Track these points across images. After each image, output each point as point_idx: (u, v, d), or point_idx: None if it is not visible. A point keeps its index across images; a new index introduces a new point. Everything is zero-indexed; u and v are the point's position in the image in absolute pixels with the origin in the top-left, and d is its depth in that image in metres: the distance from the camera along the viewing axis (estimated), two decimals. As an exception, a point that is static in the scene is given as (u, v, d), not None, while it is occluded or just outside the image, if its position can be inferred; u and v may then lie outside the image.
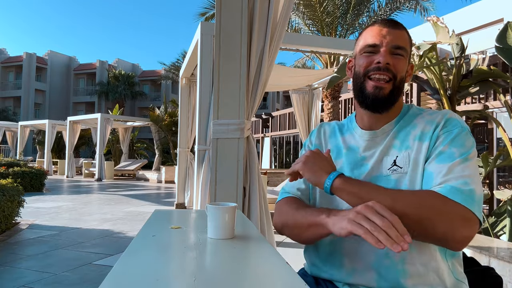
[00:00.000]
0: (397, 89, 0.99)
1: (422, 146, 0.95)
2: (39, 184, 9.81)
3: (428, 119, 1.00)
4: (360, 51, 1.03)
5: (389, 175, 0.97)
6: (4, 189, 4.78)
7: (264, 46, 2.24)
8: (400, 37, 0.99)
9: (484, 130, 8.17)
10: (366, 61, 1.00)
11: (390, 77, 0.98)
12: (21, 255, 3.70)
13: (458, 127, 0.95)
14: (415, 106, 1.09)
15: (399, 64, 0.98)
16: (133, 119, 17.74)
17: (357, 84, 1.03)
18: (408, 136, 0.99)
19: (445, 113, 1.00)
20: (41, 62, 36.35)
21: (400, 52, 0.98)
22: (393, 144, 1.01)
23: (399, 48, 0.98)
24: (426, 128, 0.97)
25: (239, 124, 2.17)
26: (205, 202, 4.07)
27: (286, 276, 0.72)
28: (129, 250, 0.86)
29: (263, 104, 32.75)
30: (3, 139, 21.34)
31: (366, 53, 1.01)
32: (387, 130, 1.03)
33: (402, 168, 0.96)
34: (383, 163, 0.99)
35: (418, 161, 0.95)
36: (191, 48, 5.49)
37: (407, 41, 1.01)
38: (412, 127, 1.00)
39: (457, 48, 2.80)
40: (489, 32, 9.80)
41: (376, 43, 0.99)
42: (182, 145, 7.02)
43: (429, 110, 1.04)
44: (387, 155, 1.00)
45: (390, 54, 0.98)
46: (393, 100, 1.00)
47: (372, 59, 0.99)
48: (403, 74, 1.00)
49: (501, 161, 2.82)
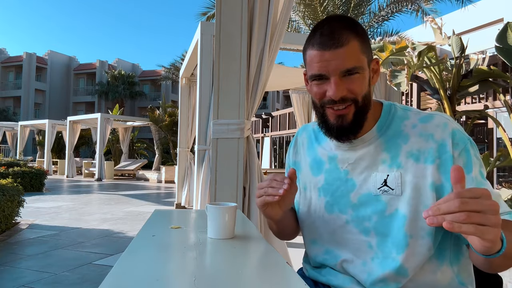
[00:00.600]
0: (362, 109, 0.89)
1: (423, 170, 0.86)
2: (39, 184, 9.81)
3: (422, 130, 0.88)
4: (310, 78, 0.91)
5: (378, 195, 0.89)
6: (4, 189, 4.78)
7: (264, 46, 2.24)
8: (348, 56, 0.85)
9: (484, 130, 8.18)
10: (318, 91, 0.89)
11: (348, 104, 0.88)
12: (21, 255, 3.70)
13: (466, 140, 0.87)
14: (399, 106, 0.97)
15: (356, 86, 0.87)
16: (133, 119, 17.75)
17: (319, 114, 0.93)
18: (399, 151, 0.89)
19: (441, 124, 0.88)
20: (41, 62, 36.37)
21: (352, 73, 0.86)
22: (381, 158, 0.91)
23: (350, 71, 0.85)
24: (423, 145, 0.87)
25: (239, 124, 2.17)
26: (205, 202, 4.07)
27: (286, 276, 0.72)
28: (129, 250, 0.86)
29: (263, 104, 32.75)
30: (3, 139, 21.34)
31: (316, 82, 0.89)
32: (368, 139, 0.93)
33: (393, 190, 0.88)
34: (372, 180, 0.91)
35: (420, 186, 0.86)
36: (191, 48, 5.49)
37: (359, 52, 0.86)
38: (403, 139, 0.90)
39: (456, 48, 2.80)
40: (489, 32, 9.80)
41: (322, 73, 0.87)
42: (182, 145, 7.02)
43: (418, 113, 0.93)
44: (375, 170, 0.91)
45: (341, 79, 0.86)
46: (360, 122, 0.90)
47: (323, 89, 0.88)
48: (364, 91, 0.88)
49: (499, 162, 2.83)
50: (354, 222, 0.93)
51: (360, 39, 0.87)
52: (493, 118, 2.94)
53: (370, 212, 0.91)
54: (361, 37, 0.88)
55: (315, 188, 1.02)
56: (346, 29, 0.86)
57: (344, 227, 0.95)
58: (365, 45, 0.89)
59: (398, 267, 0.87)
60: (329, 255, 0.99)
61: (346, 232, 0.95)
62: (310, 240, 1.04)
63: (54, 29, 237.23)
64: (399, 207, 0.87)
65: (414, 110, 0.94)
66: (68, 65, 38.96)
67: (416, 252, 0.87)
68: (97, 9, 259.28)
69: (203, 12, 11.27)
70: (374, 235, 0.90)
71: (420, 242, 0.86)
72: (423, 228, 0.86)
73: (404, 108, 0.95)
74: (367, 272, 0.91)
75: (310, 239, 1.04)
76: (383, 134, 0.93)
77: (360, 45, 0.87)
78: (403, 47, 2.56)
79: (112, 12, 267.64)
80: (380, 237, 0.89)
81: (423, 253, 0.87)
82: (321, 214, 1.00)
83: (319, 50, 0.86)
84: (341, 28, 0.86)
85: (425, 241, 0.86)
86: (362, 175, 0.93)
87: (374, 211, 0.90)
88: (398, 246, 0.87)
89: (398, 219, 0.87)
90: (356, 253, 0.93)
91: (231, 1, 2.14)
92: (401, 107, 0.96)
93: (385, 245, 0.89)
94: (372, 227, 0.90)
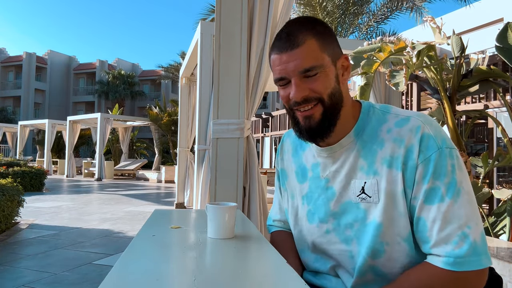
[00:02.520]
0: (331, 108, 0.87)
1: (395, 176, 0.84)
2: (39, 184, 9.81)
3: (396, 135, 0.86)
4: (275, 82, 0.91)
5: (358, 203, 0.89)
6: (4, 188, 4.78)
7: (264, 45, 2.24)
8: (305, 55, 0.84)
9: (484, 129, 8.17)
10: (283, 95, 0.89)
11: (314, 104, 0.86)
12: (21, 254, 3.70)
13: (434, 149, 0.81)
14: (378, 107, 0.93)
15: (318, 85, 0.85)
16: (133, 118, 17.75)
17: (290, 117, 0.93)
18: (375, 157, 0.87)
19: (414, 128, 0.84)
20: (41, 62, 36.36)
21: (314, 72, 0.84)
22: (359, 165, 0.89)
23: (308, 70, 0.84)
24: (395, 150, 0.85)
25: (239, 124, 2.17)
26: (205, 202, 4.07)
27: (286, 276, 0.72)
28: (129, 249, 0.85)
29: (263, 104, 32.72)
30: (3, 138, 21.34)
31: (280, 86, 0.90)
32: (346, 143, 0.91)
33: (371, 197, 0.87)
34: (351, 188, 0.90)
35: (394, 193, 0.84)
36: (191, 47, 5.49)
37: (317, 50, 0.85)
38: (379, 144, 0.87)
39: (456, 48, 2.80)
40: (489, 32, 9.80)
41: (283, 76, 0.87)
42: (182, 145, 7.02)
43: (396, 116, 0.89)
44: (354, 178, 0.89)
45: (302, 80, 0.85)
46: (330, 122, 0.88)
47: (287, 92, 0.88)
48: (330, 88, 0.86)
49: (498, 162, 2.83)
50: (335, 231, 0.93)
51: (319, 38, 0.86)
52: (493, 118, 2.93)
53: (351, 220, 0.90)
54: (321, 35, 0.86)
55: (300, 195, 1.02)
56: (302, 30, 0.86)
57: (324, 236, 0.95)
58: (326, 43, 0.87)
59: (375, 271, 0.89)
60: (319, 262, 0.99)
61: (327, 243, 0.95)
62: (300, 249, 1.05)
63: (54, 29, 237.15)
64: (376, 215, 0.86)
65: (393, 113, 0.91)
66: (68, 65, 38.94)
67: (392, 258, 0.87)
68: (97, 10, 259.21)
69: (203, 19, 11.30)
70: (355, 244, 0.90)
71: (397, 248, 0.86)
72: (399, 234, 0.86)
73: (383, 111, 0.92)
74: (352, 279, 0.92)
75: (300, 248, 1.05)
76: (360, 139, 0.90)
77: (319, 43, 0.85)
78: (402, 47, 2.55)
79: (112, 12, 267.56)
80: (360, 246, 0.89)
81: (401, 260, 0.87)
82: (305, 223, 1.00)
83: (277, 54, 0.87)
84: (297, 30, 0.86)
85: (402, 247, 0.86)
86: (341, 183, 0.92)
87: (355, 219, 0.90)
88: (374, 254, 0.87)
89: (374, 227, 0.86)
90: (341, 262, 0.94)
91: (231, 1, 2.14)
92: (380, 109, 0.93)
93: (360, 254, 0.89)
94: (354, 235, 0.90)
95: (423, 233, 0.82)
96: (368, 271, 0.89)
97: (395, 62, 3.01)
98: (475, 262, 0.77)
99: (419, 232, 0.83)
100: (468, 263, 0.77)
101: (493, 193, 2.86)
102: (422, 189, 0.82)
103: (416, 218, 0.84)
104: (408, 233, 0.85)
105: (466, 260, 0.77)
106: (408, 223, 0.85)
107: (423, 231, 0.82)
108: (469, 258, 0.77)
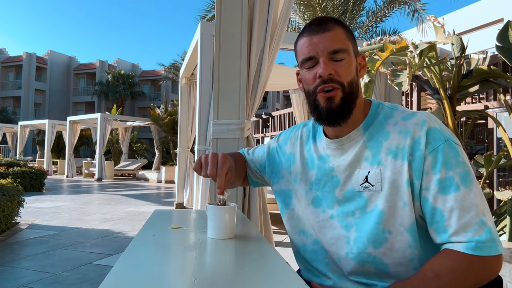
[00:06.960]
0: (349, 96, 0.93)
1: (400, 166, 0.88)
2: (39, 184, 9.81)
3: (401, 128, 0.91)
4: (301, 66, 0.97)
5: (361, 191, 0.92)
6: (4, 189, 4.78)
7: (264, 46, 2.24)
8: (334, 38, 0.92)
9: (484, 130, 8.17)
10: (309, 77, 0.95)
11: (337, 86, 0.92)
12: (21, 255, 3.70)
13: (442, 140, 0.86)
14: (387, 105, 0.99)
15: (342, 70, 0.92)
16: (133, 119, 17.75)
17: (311, 101, 0.97)
18: (380, 149, 0.92)
19: (420, 121, 0.89)
20: (41, 62, 36.38)
21: (340, 56, 0.92)
22: (364, 155, 0.94)
23: (336, 52, 0.91)
24: (401, 142, 0.89)
25: (239, 124, 2.17)
26: (205, 202, 4.07)
27: (286, 276, 0.72)
28: (129, 250, 0.85)
29: (263, 104, 32.76)
30: (3, 139, 21.35)
31: (307, 68, 0.95)
32: (354, 137, 0.96)
33: (374, 186, 0.90)
34: (355, 176, 0.94)
35: (397, 183, 0.87)
36: (191, 48, 5.49)
37: (344, 38, 0.94)
38: (384, 136, 0.92)
39: (457, 48, 2.80)
40: (489, 32, 9.81)
41: (312, 55, 0.93)
42: (182, 145, 7.02)
43: (403, 112, 0.95)
44: (359, 167, 0.94)
45: (330, 62, 0.92)
46: (348, 107, 0.93)
47: (314, 72, 0.93)
48: (350, 77, 0.93)
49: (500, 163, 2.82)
50: (338, 217, 0.96)
51: (346, 30, 0.95)
52: (493, 118, 2.93)
53: (353, 208, 0.93)
54: (347, 29, 0.96)
55: (307, 182, 1.04)
56: (331, 20, 0.95)
57: (327, 221, 0.98)
58: (350, 36, 0.96)
59: (376, 262, 0.89)
60: (318, 245, 1.00)
61: (329, 227, 0.97)
62: (298, 231, 1.05)
63: (54, 29, 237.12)
64: (378, 203, 0.89)
65: (400, 110, 0.96)
66: (68, 65, 38.96)
67: (394, 248, 0.88)
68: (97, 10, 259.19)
69: (203, 15, 11.30)
70: (354, 230, 0.92)
71: (399, 238, 0.88)
72: (402, 224, 0.87)
73: (391, 108, 0.98)
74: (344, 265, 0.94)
75: (299, 229, 1.05)
76: (367, 132, 0.95)
77: (345, 33, 0.95)
78: (404, 46, 2.55)
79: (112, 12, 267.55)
80: (358, 233, 0.91)
81: (403, 250, 0.88)
82: (309, 206, 1.02)
83: (308, 36, 0.94)
84: (327, 19, 0.95)
85: (404, 237, 0.87)
86: (346, 172, 0.95)
87: (357, 207, 0.93)
88: (375, 242, 0.89)
89: (376, 215, 0.89)
90: (332, 247, 0.96)
91: (231, 1, 2.14)
92: (389, 106, 0.98)
93: (361, 241, 0.91)
94: (354, 222, 0.93)
95: (440, 223, 0.84)
96: (368, 261, 0.90)
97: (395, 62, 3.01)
98: (494, 248, 0.80)
99: (436, 222, 0.84)
100: (488, 248, 0.79)
101: (495, 193, 2.85)
102: (433, 180, 0.84)
103: (432, 209, 0.85)
104: (412, 223, 0.87)
105: (486, 245, 0.79)
106: (412, 213, 0.87)
107: (440, 221, 0.84)
108: (489, 244, 0.80)
